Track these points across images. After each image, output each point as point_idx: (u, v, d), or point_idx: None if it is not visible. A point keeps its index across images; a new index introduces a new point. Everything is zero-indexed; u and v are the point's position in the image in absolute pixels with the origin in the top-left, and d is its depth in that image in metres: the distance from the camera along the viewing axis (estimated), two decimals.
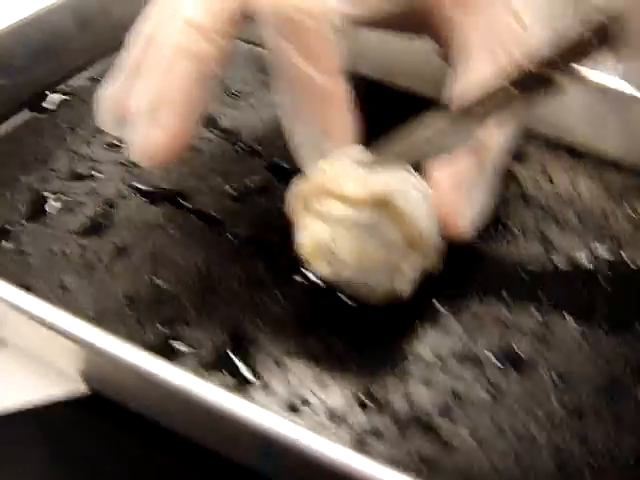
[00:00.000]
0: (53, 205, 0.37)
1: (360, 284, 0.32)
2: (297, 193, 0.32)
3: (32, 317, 0.29)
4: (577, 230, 0.38)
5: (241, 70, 0.46)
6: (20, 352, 0.32)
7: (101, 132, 0.40)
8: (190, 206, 0.38)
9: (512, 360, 0.32)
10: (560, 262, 0.36)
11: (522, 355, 0.32)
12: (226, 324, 0.32)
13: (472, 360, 0.32)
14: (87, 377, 0.30)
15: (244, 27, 0.33)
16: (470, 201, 0.33)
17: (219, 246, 0.36)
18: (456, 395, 0.31)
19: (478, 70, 0.33)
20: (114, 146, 0.40)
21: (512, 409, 0.30)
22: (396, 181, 0.31)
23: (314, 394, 0.30)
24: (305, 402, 0.30)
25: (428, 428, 0.29)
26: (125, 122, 0.34)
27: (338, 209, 0.31)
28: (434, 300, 0.34)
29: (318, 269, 0.32)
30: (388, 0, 0.32)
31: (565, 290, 0.35)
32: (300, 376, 0.31)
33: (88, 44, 0.46)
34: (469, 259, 0.35)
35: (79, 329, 0.29)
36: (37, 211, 0.37)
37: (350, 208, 0.30)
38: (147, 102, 0.31)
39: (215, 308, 0.33)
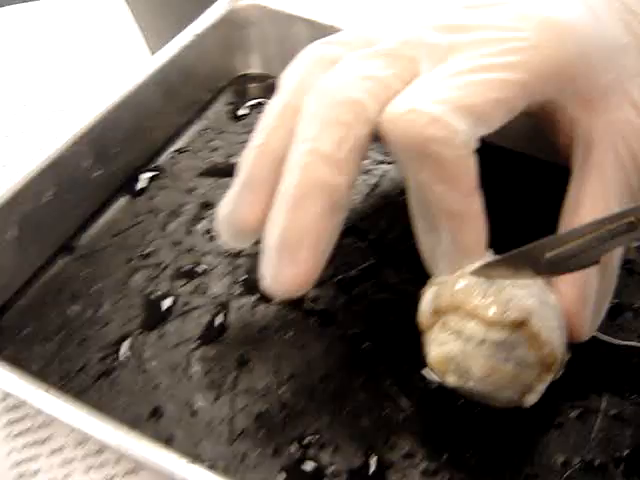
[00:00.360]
0: (166, 310, 0.37)
1: (486, 397, 0.32)
2: (430, 306, 0.32)
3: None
4: None
5: None
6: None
7: (200, 218, 0.41)
8: (301, 301, 0.37)
9: (636, 461, 0.32)
10: None
11: None
12: (358, 442, 0.33)
13: (600, 467, 0.32)
14: None
15: None
16: (594, 308, 0.33)
17: (338, 348, 0.36)
18: None
19: (600, 170, 0.32)
20: (215, 235, 0.40)
21: None
22: (532, 300, 0.31)
23: None
24: None
25: None
26: (243, 237, 0.34)
27: (472, 327, 0.31)
28: (559, 403, 0.34)
29: (445, 380, 0.32)
30: (512, 112, 0.31)
31: None
32: None
33: (173, 115, 0.46)
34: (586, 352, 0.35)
35: None
36: (152, 318, 0.37)
37: (485, 328, 0.31)
38: (277, 236, 0.31)
39: (345, 424, 0.33)
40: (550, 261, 0.30)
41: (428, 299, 0.33)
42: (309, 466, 0.32)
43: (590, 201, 0.32)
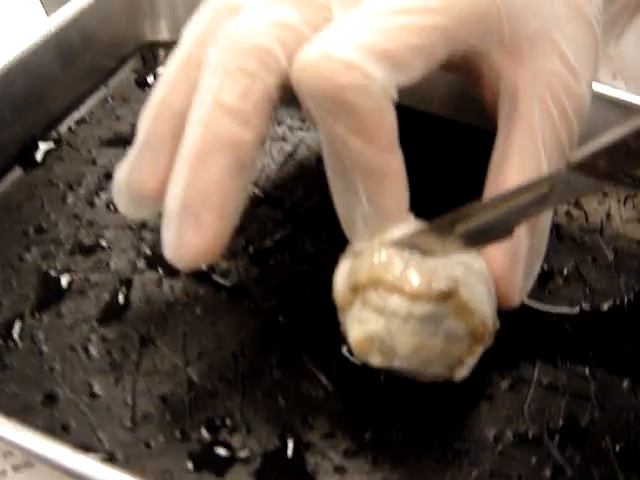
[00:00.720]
0: (64, 288, 0.34)
1: (413, 373, 0.30)
2: (347, 282, 0.29)
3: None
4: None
5: None
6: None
7: (102, 189, 0.38)
8: (211, 275, 0.35)
9: (571, 432, 0.31)
10: (605, 306, 0.35)
11: (581, 426, 0.31)
12: (273, 423, 0.30)
13: (534, 439, 0.30)
14: None
15: None
16: (524, 272, 0.31)
17: (251, 324, 0.33)
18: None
19: (528, 123, 0.30)
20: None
21: None
22: (459, 268, 0.28)
23: None
24: None
25: None
26: (144, 204, 0.31)
27: (396, 302, 0.28)
28: (489, 374, 0.32)
29: (369, 361, 0.29)
30: (433, 61, 0.29)
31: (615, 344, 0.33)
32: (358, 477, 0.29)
33: (73, 82, 0.42)
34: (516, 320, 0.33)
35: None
36: (48, 297, 0.34)
37: (410, 302, 0.28)
38: (179, 199, 0.28)
39: (259, 404, 0.31)
40: (465, 234, 0.28)
41: (344, 274, 0.30)
42: (220, 451, 0.29)
43: (518, 156, 0.30)
